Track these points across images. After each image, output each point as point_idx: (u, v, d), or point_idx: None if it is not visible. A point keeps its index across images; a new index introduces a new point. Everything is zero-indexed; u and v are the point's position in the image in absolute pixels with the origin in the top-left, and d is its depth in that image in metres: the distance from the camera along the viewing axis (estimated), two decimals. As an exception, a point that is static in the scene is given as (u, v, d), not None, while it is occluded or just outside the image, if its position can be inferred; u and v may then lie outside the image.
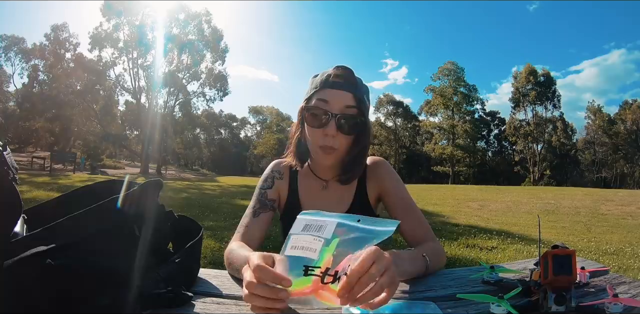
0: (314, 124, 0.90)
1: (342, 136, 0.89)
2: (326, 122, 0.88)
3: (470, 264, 3.26)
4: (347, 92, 0.89)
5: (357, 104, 0.89)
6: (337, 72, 0.90)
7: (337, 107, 0.88)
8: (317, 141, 0.90)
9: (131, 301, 0.53)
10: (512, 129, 37.94)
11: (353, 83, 0.91)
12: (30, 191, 7.46)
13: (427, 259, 0.77)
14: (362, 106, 0.90)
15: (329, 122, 0.87)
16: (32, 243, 0.49)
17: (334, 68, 0.92)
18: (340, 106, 0.88)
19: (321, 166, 1.00)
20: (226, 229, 4.48)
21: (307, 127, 0.92)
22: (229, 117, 53.28)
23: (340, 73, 0.90)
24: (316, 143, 0.90)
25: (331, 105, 0.88)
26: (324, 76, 0.92)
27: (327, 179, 1.01)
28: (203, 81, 31.39)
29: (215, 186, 13.91)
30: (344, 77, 0.90)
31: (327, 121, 0.88)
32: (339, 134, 0.88)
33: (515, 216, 7.28)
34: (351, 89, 0.90)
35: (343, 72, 0.90)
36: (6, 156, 0.56)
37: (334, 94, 0.89)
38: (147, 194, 0.61)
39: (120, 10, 26.81)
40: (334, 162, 0.95)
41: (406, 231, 0.93)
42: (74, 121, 30.48)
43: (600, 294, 0.66)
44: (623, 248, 4.30)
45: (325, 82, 0.90)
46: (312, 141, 0.92)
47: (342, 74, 0.90)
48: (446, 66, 38.26)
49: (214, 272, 0.79)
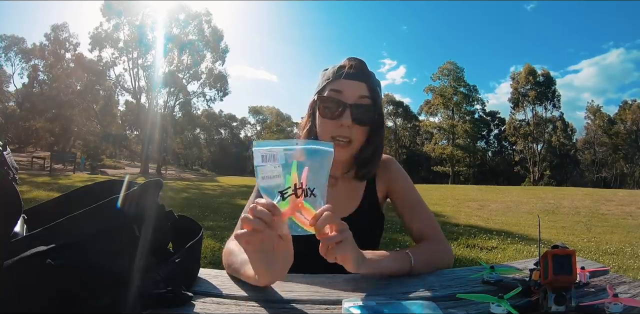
0: (328, 115, 0.87)
1: (357, 127, 0.86)
2: (341, 113, 0.85)
3: (470, 264, 3.26)
4: (361, 82, 0.87)
5: (372, 94, 0.88)
6: (349, 63, 0.89)
7: (352, 98, 0.86)
8: (330, 131, 0.87)
9: (131, 301, 0.53)
10: (512, 129, 37.96)
11: (367, 73, 0.89)
12: (30, 191, 7.46)
13: (411, 257, 0.76)
14: (376, 96, 0.88)
15: (344, 113, 0.85)
16: (32, 242, 0.49)
17: (346, 59, 0.90)
18: (354, 96, 0.86)
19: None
20: (226, 229, 4.48)
21: (320, 119, 0.89)
22: (229, 117, 53.29)
23: (352, 63, 0.88)
24: (329, 134, 0.88)
25: (345, 95, 0.86)
26: (336, 67, 0.90)
27: (337, 176, 0.98)
28: (203, 81, 31.46)
29: (216, 186, 13.92)
30: (357, 68, 0.88)
31: (342, 111, 0.85)
32: (355, 125, 0.86)
33: (515, 216, 7.28)
34: (365, 79, 0.88)
35: (355, 62, 0.89)
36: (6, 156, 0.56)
37: (347, 84, 0.87)
38: (147, 194, 0.61)
39: (120, 10, 26.83)
40: (348, 157, 0.92)
41: (413, 229, 0.93)
42: (74, 121, 30.50)
43: (600, 294, 0.66)
44: (623, 248, 4.30)
45: (338, 73, 0.88)
46: (325, 133, 0.89)
47: (354, 64, 0.88)
48: (446, 66, 38.28)
49: (214, 272, 0.79)
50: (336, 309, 0.59)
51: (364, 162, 0.94)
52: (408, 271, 0.76)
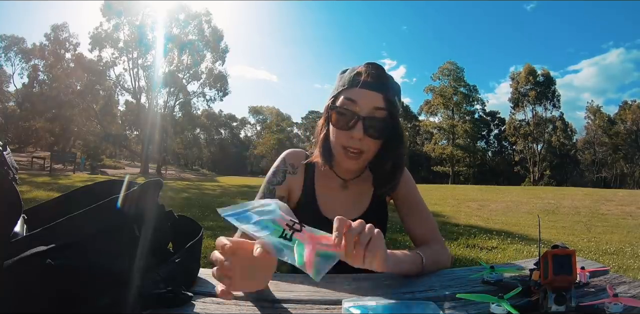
0: (339, 125, 0.85)
1: (369, 139, 0.83)
2: (353, 125, 0.82)
3: (470, 264, 3.26)
4: (377, 93, 0.83)
5: (387, 105, 0.83)
6: (367, 70, 0.84)
7: (366, 109, 0.82)
8: (341, 141, 0.85)
9: (131, 301, 0.53)
10: (512, 129, 37.94)
11: (384, 83, 0.85)
12: (30, 191, 7.45)
13: (423, 258, 0.77)
14: (392, 108, 0.84)
15: (356, 125, 0.82)
16: (32, 242, 0.49)
17: (364, 65, 0.86)
18: (368, 108, 0.82)
19: (344, 168, 0.93)
20: (226, 229, 4.46)
21: (333, 127, 0.87)
22: (229, 117, 53.30)
23: (370, 71, 0.84)
24: (340, 143, 0.86)
25: (359, 106, 0.82)
26: (352, 74, 0.86)
27: (347, 179, 0.97)
28: (203, 81, 31.44)
29: (216, 186, 13.90)
30: (374, 76, 0.83)
31: (355, 123, 0.82)
32: (366, 138, 0.83)
33: (515, 216, 7.27)
34: (382, 90, 0.83)
35: (374, 70, 0.84)
36: (6, 156, 0.56)
37: (362, 94, 0.83)
38: (147, 194, 0.61)
39: (120, 10, 26.82)
40: (358, 167, 0.90)
41: (415, 232, 0.93)
42: (74, 121, 30.49)
43: (600, 294, 0.66)
44: (623, 248, 4.30)
45: (355, 80, 0.84)
46: (337, 141, 0.86)
47: (372, 73, 0.84)
48: (446, 66, 38.26)
49: (214, 272, 0.79)
50: (336, 309, 0.59)
51: (384, 179, 0.91)
52: (419, 270, 0.76)
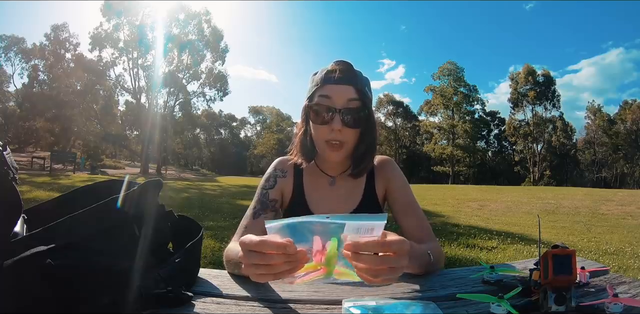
0: (319, 121, 0.90)
1: (348, 130, 0.89)
2: (331, 118, 0.89)
3: (470, 264, 3.26)
4: (348, 86, 0.90)
5: (360, 96, 0.90)
6: (336, 67, 0.91)
7: (340, 102, 0.89)
8: (323, 136, 0.91)
9: (131, 301, 0.53)
10: (511, 129, 37.93)
11: (353, 76, 0.91)
12: (30, 191, 7.46)
13: (431, 257, 0.78)
14: (364, 98, 0.91)
15: (333, 118, 0.88)
16: (32, 242, 0.49)
17: (333, 63, 0.92)
18: (343, 101, 0.89)
19: (329, 162, 1.00)
20: (226, 229, 4.48)
21: (313, 124, 0.93)
22: (229, 117, 53.29)
23: (339, 67, 0.91)
24: (322, 138, 0.91)
25: (334, 100, 0.89)
26: (323, 73, 0.92)
27: (335, 176, 1.01)
28: (203, 81, 31.43)
29: (216, 186, 13.91)
30: (344, 71, 0.90)
31: (332, 116, 0.88)
32: (345, 128, 0.89)
33: (515, 216, 7.28)
34: (352, 82, 0.90)
35: (342, 66, 0.91)
36: (6, 156, 0.56)
37: (335, 89, 0.89)
38: (147, 194, 0.61)
39: (120, 10, 26.83)
40: (343, 158, 0.95)
41: (407, 230, 0.94)
42: (74, 121, 30.47)
43: (600, 294, 0.66)
44: (623, 248, 4.30)
45: (326, 78, 0.91)
46: (318, 137, 0.92)
47: (341, 68, 0.91)
48: (446, 66, 38.28)
49: (214, 272, 0.79)
50: (336, 309, 0.59)
51: (357, 160, 0.96)
52: (428, 267, 0.78)
